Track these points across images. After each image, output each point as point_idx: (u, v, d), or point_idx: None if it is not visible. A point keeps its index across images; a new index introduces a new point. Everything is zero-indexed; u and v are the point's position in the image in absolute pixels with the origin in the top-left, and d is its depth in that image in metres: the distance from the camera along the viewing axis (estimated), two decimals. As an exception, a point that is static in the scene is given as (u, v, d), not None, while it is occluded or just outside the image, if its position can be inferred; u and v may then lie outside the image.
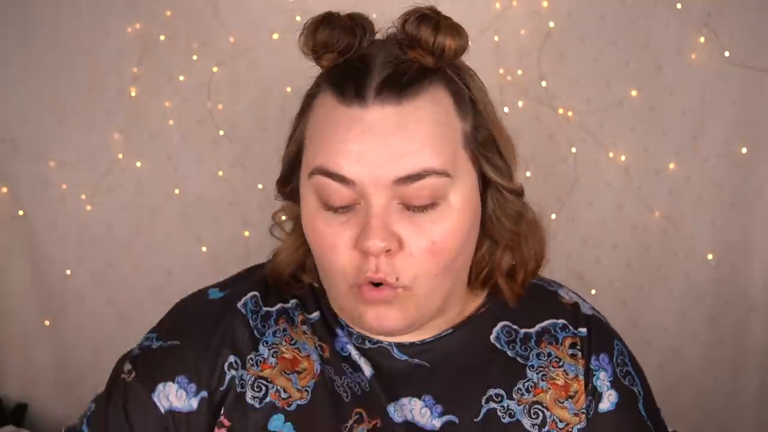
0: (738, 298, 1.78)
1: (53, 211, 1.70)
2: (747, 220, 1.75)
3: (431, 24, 0.65)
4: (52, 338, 1.74)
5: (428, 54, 0.65)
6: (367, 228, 0.63)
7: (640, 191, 1.74)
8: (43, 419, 1.77)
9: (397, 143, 0.63)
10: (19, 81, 1.66)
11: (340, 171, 0.63)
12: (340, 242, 0.65)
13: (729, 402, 1.81)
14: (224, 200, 1.71)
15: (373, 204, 0.63)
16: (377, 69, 0.64)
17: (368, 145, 0.63)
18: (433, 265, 0.66)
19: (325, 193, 0.65)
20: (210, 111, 1.68)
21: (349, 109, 0.64)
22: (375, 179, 0.63)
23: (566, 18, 1.68)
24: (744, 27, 1.68)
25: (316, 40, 0.67)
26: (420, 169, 0.63)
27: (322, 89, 0.68)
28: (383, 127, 0.63)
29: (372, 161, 0.62)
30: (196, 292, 0.80)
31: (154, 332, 0.76)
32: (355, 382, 0.73)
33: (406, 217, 0.64)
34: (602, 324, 0.82)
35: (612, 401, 0.76)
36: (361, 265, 0.65)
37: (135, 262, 1.72)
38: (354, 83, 0.64)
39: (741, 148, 1.72)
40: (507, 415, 0.74)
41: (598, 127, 1.71)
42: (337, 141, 0.64)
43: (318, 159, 0.65)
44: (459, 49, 0.66)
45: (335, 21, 0.67)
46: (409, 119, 0.63)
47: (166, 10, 1.65)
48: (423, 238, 0.64)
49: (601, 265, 1.77)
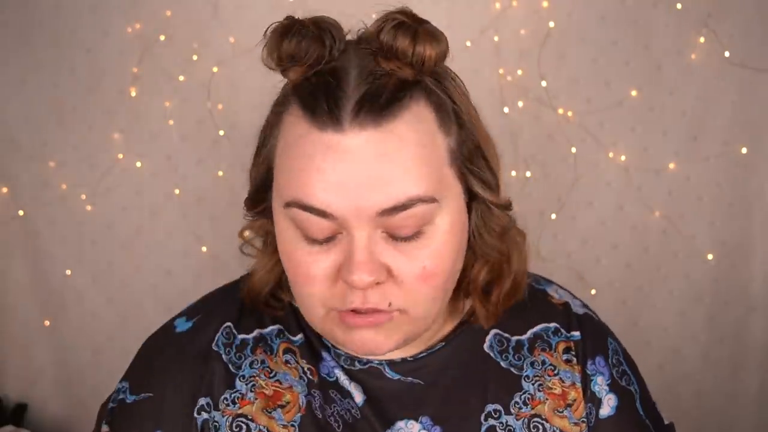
0: (737, 297, 1.78)
1: (53, 211, 1.70)
2: (747, 220, 1.75)
3: (409, 33, 0.58)
4: (52, 338, 1.74)
5: (407, 66, 0.59)
6: (351, 262, 0.58)
7: (640, 191, 1.74)
8: (42, 419, 1.77)
9: (379, 172, 0.57)
10: (19, 81, 1.66)
11: (319, 205, 0.57)
12: (319, 273, 0.60)
13: (729, 402, 1.81)
14: (224, 200, 1.71)
15: (356, 236, 0.58)
16: (352, 86, 0.58)
17: (347, 174, 0.57)
18: (427, 289, 0.62)
19: (304, 226, 0.60)
20: (210, 111, 1.68)
21: (323, 134, 0.57)
22: (357, 211, 0.57)
23: (566, 18, 1.68)
24: (744, 27, 1.68)
25: (282, 52, 0.61)
26: (405, 198, 0.57)
27: (291, 104, 0.62)
28: (363, 154, 0.57)
29: (352, 193, 0.57)
30: (162, 327, 0.75)
31: (125, 381, 0.72)
32: (345, 409, 0.69)
33: (393, 247, 0.60)
34: (594, 323, 0.79)
35: (612, 405, 0.74)
36: (344, 295, 0.60)
37: (135, 262, 1.72)
38: (327, 104, 0.57)
39: (741, 148, 1.72)
40: None
41: (598, 127, 1.71)
42: (312, 171, 0.57)
43: (292, 190, 0.59)
44: (439, 56, 0.60)
45: (301, 30, 0.60)
46: (390, 144, 0.57)
47: (166, 10, 1.65)
48: (413, 265, 0.60)
49: (601, 265, 1.77)
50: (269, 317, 0.73)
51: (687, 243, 1.76)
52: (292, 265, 0.62)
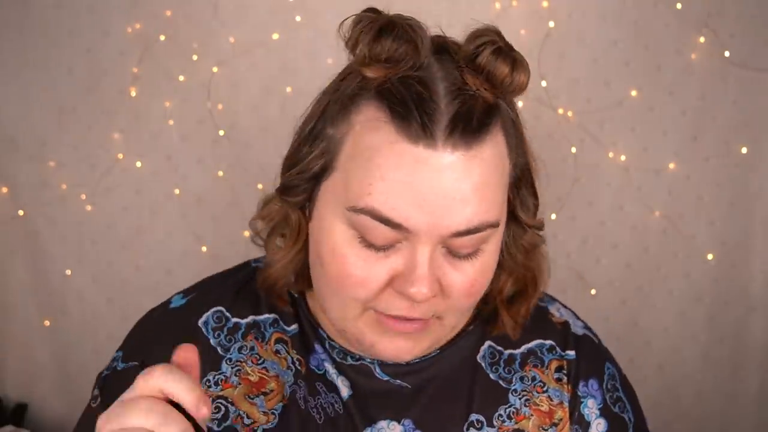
0: (738, 297, 1.78)
1: (53, 211, 1.70)
2: (747, 220, 1.75)
3: (509, 61, 0.59)
4: (52, 338, 1.74)
5: (497, 89, 0.59)
6: (413, 275, 0.58)
7: (640, 191, 1.74)
8: (43, 419, 1.77)
9: (461, 194, 0.57)
10: (18, 81, 1.66)
11: (397, 218, 0.57)
12: (373, 279, 0.60)
13: (729, 402, 1.81)
14: (224, 200, 1.71)
15: (421, 251, 0.59)
16: (444, 101, 0.57)
17: (432, 192, 0.56)
18: (467, 302, 0.64)
19: (367, 232, 0.59)
20: (210, 111, 1.68)
21: (414, 147, 0.56)
22: (432, 229, 0.57)
23: (566, 18, 1.68)
24: (744, 27, 1.67)
25: (374, 50, 0.58)
26: (478, 223, 0.58)
27: (369, 103, 0.59)
28: (450, 174, 0.56)
29: (434, 211, 0.57)
30: (161, 303, 0.77)
31: (120, 351, 0.74)
32: (329, 402, 0.69)
33: (448, 262, 0.61)
34: (593, 345, 0.77)
35: (600, 430, 0.72)
36: (391, 301, 0.61)
37: (135, 262, 1.72)
38: (420, 117, 0.56)
39: (741, 148, 1.72)
40: None
41: (598, 127, 1.71)
42: (396, 182, 0.56)
43: (370, 199, 0.57)
44: (525, 84, 0.61)
45: (401, 32, 0.58)
46: (475, 168, 0.57)
47: (166, 10, 1.64)
48: (463, 282, 0.61)
49: (600, 264, 1.77)
50: (266, 305, 0.74)
51: (687, 243, 1.76)
52: (340, 265, 0.61)
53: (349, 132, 0.60)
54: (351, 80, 0.62)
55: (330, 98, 0.64)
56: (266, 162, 1.69)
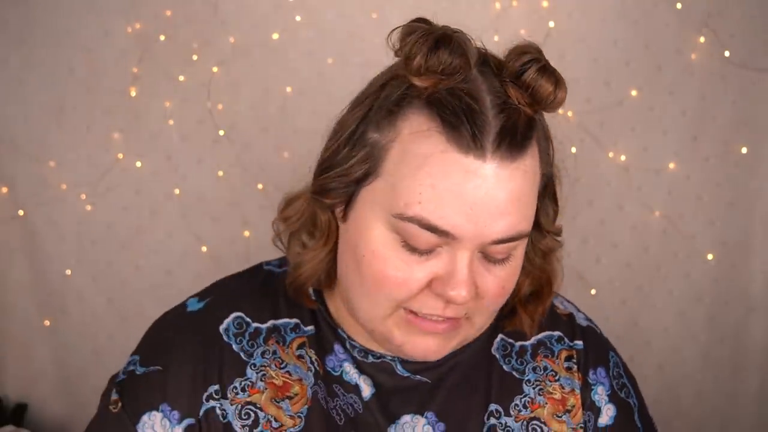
0: (738, 297, 1.78)
1: (53, 211, 1.70)
2: (747, 220, 1.75)
3: (552, 79, 0.62)
4: (52, 338, 1.74)
5: (538, 105, 0.62)
6: (454, 279, 0.61)
7: (640, 191, 1.74)
8: (43, 419, 1.77)
9: (505, 204, 0.60)
10: (18, 81, 1.66)
11: (445, 227, 0.59)
12: (413, 281, 0.62)
13: (729, 402, 1.81)
14: (224, 200, 1.71)
15: (462, 257, 0.61)
16: (490, 113, 0.59)
17: (481, 203, 0.59)
18: (497, 304, 0.67)
19: (411, 238, 0.61)
20: (210, 111, 1.68)
21: (465, 157, 0.59)
22: (476, 237, 0.60)
23: (566, 18, 1.68)
24: (744, 27, 1.67)
25: (430, 61, 0.59)
26: (516, 233, 0.62)
27: (417, 111, 0.61)
28: (497, 185, 0.59)
29: (479, 220, 0.59)
30: (174, 307, 0.77)
31: (137, 354, 0.73)
32: (348, 403, 0.71)
33: (483, 267, 0.64)
34: (597, 335, 0.82)
35: (610, 415, 0.76)
36: (426, 302, 0.63)
37: (135, 262, 1.72)
38: (470, 128, 0.58)
39: (741, 148, 1.72)
40: None
41: (598, 127, 1.71)
42: (446, 192, 0.59)
43: (419, 207, 0.59)
44: (564, 101, 0.64)
45: (455, 44, 0.60)
46: (517, 179, 0.60)
47: (166, 10, 1.65)
48: (495, 285, 0.64)
49: (600, 264, 1.77)
50: (284, 308, 0.74)
51: (687, 243, 1.76)
52: (381, 267, 0.62)
53: (395, 139, 0.62)
54: (395, 87, 0.63)
55: (373, 103, 0.64)
56: (266, 162, 1.69)
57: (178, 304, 0.77)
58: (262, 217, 1.69)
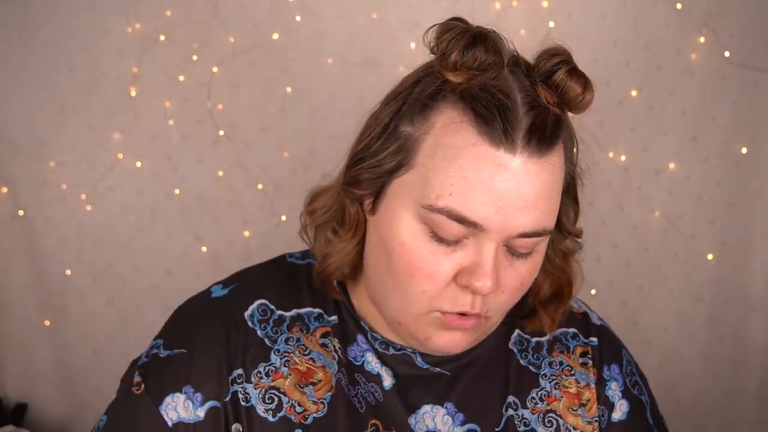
0: (738, 297, 1.78)
1: (53, 211, 1.70)
2: (747, 219, 1.75)
3: (581, 81, 0.64)
4: (52, 338, 1.74)
5: (566, 105, 0.64)
6: (481, 270, 0.62)
7: (640, 191, 1.74)
8: (43, 419, 1.77)
9: (533, 198, 0.62)
10: (18, 81, 1.66)
11: (474, 218, 0.61)
12: (441, 272, 0.64)
13: (728, 401, 1.81)
14: (224, 200, 1.71)
15: (489, 248, 0.63)
16: (521, 110, 0.61)
17: (509, 196, 0.61)
18: (514, 300, 0.68)
19: (440, 228, 0.62)
20: (210, 111, 1.68)
21: (496, 151, 0.60)
22: (503, 228, 0.62)
23: (566, 18, 1.68)
24: (744, 27, 1.68)
25: (466, 57, 0.62)
26: (541, 228, 0.63)
27: (450, 105, 0.63)
28: (526, 178, 0.61)
29: (507, 212, 0.61)
30: (199, 293, 0.78)
31: (160, 338, 0.74)
32: (369, 392, 0.72)
33: (507, 260, 0.65)
34: (610, 334, 0.84)
35: (624, 411, 0.78)
36: (456, 297, 0.64)
37: (135, 262, 1.72)
38: (502, 123, 0.60)
39: (741, 148, 1.72)
40: (522, 424, 0.74)
41: (598, 127, 1.71)
42: (478, 183, 0.60)
43: (450, 199, 0.61)
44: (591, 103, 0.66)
45: (490, 42, 0.63)
46: (545, 175, 0.62)
47: (166, 10, 1.65)
48: (515, 280, 0.66)
49: (600, 264, 1.77)
50: (308, 299, 0.76)
51: (687, 243, 1.76)
52: (409, 258, 0.64)
53: (428, 131, 0.64)
54: (429, 83, 0.65)
55: (406, 98, 0.66)
56: (266, 162, 1.69)
57: (202, 290, 0.78)
58: (262, 217, 1.69)
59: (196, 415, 0.70)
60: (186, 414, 0.69)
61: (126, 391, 0.72)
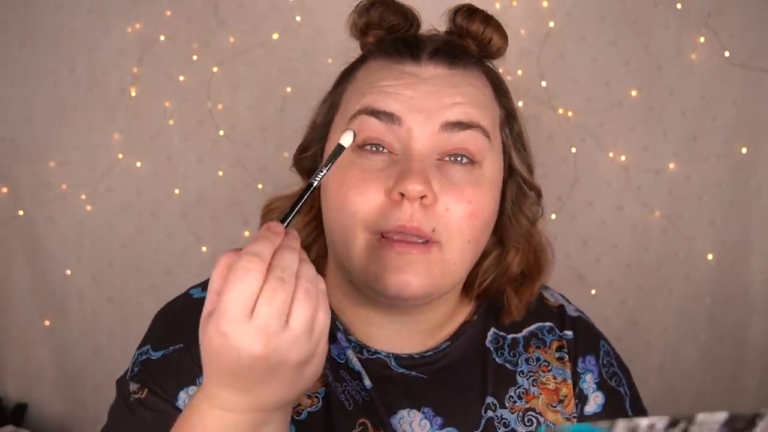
0: (738, 297, 1.78)
1: (53, 211, 1.70)
2: (747, 219, 1.75)
3: (481, 17, 0.70)
4: (52, 338, 1.74)
5: (475, 44, 0.70)
6: (406, 171, 0.62)
7: (640, 191, 1.74)
8: (43, 419, 1.77)
9: (448, 96, 0.65)
10: (19, 81, 1.66)
11: (389, 109, 0.64)
12: (371, 186, 0.63)
13: (728, 401, 1.81)
14: (224, 200, 1.71)
15: (415, 149, 0.64)
16: (429, 43, 0.68)
17: (420, 93, 0.64)
18: (467, 228, 0.65)
19: (361, 132, 0.64)
20: (210, 111, 1.68)
21: (402, 66, 0.66)
22: (423, 121, 0.64)
23: (566, 18, 1.68)
24: (744, 27, 1.67)
25: (369, 18, 0.71)
26: (467, 119, 0.65)
27: (366, 60, 0.70)
28: (436, 82, 0.65)
29: (422, 107, 0.64)
30: (178, 296, 0.75)
31: (146, 345, 0.70)
32: (356, 390, 0.71)
33: (444, 173, 0.64)
34: (588, 325, 0.81)
35: (598, 403, 0.76)
36: (391, 212, 0.63)
37: (135, 262, 1.72)
38: (407, 47, 0.67)
39: (741, 148, 1.72)
40: (502, 425, 0.72)
41: (598, 127, 1.71)
42: (387, 86, 0.65)
43: (364, 101, 0.65)
44: (502, 47, 0.71)
45: (389, 3, 0.71)
46: (459, 81, 0.66)
47: (166, 10, 1.65)
48: (460, 198, 0.64)
49: (601, 264, 1.77)
50: None
51: (687, 243, 1.76)
52: (341, 183, 0.65)
53: (351, 81, 0.70)
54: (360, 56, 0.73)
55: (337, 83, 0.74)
56: (266, 162, 1.69)
57: (178, 295, 0.76)
58: (262, 217, 1.69)
59: None
60: None
61: (123, 406, 0.67)
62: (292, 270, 0.51)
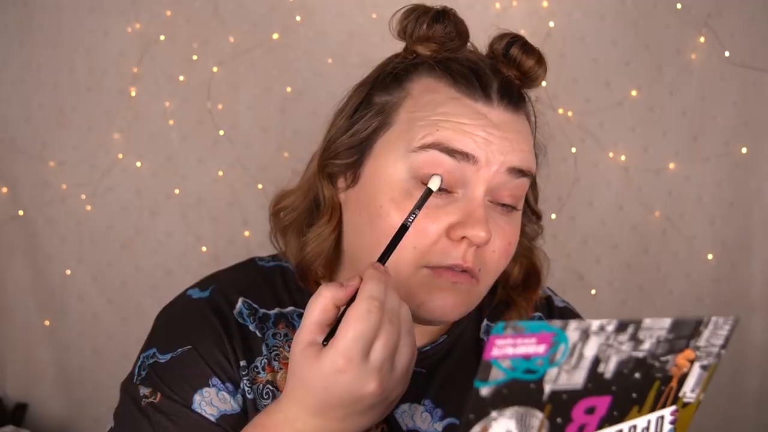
0: (738, 298, 1.78)
1: (53, 211, 1.70)
2: (747, 220, 1.75)
3: (536, 55, 0.71)
4: (52, 338, 1.74)
5: (519, 75, 0.71)
6: (473, 217, 0.64)
7: (640, 191, 1.74)
8: (43, 419, 1.77)
9: (516, 142, 0.67)
10: (19, 81, 1.66)
11: (466, 149, 0.64)
12: (432, 226, 0.65)
13: (729, 402, 1.81)
14: (224, 200, 1.71)
15: (477, 195, 0.65)
16: (491, 74, 0.68)
17: (494, 137, 0.66)
18: (502, 264, 0.69)
19: (430, 170, 0.64)
20: (210, 111, 1.68)
21: (474, 103, 0.66)
22: (494, 161, 0.65)
23: (566, 18, 1.68)
24: (744, 27, 1.68)
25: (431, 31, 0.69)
26: (527, 166, 0.68)
27: (423, 73, 0.69)
28: (506, 127, 0.67)
29: (494, 148, 0.65)
30: (175, 298, 0.76)
31: (151, 348, 0.70)
32: None
33: (490, 215, 0.67)
34: (574, 315, 0.87)
35: None
36: (448, 250, 0.65)
37: (135, 262, 1.72)
38: (478, 81, 0.67)
39: (741, 148, 1.72)
40: None
41: (598, 127, 1.71)
42: (463, 124, 0.65)
43: (438, 135, 0.65)
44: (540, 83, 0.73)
45: (451, 18, 0.70)
46: (521, 127, 0.69)
47: (166, 10, 1.65)
48: (503, 239, 0.68)
49: (601, 264, 1.77)
50: (287, 299, 0.75)
51: (687, 243, 1.76)
52: (398, 215, 0.65)
53: (406, 96, 0.69)
54: (398, 61, 0.71)
55: (378, 75, 0.72)
56: (266, 162, 1.69)
57: (176, 296, 0.76)
58: (262, 217, 1.68)
59: (238, 405, 0.67)
60: (226, 406, 0.67)
61: (135, 410, 0.66)
62: (396, 312, 0.56)
